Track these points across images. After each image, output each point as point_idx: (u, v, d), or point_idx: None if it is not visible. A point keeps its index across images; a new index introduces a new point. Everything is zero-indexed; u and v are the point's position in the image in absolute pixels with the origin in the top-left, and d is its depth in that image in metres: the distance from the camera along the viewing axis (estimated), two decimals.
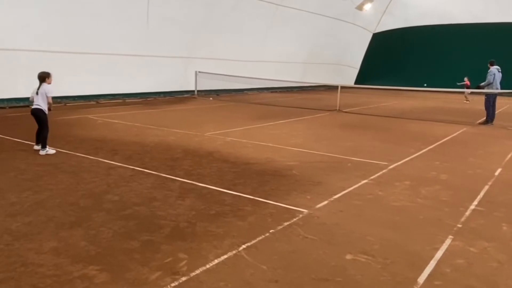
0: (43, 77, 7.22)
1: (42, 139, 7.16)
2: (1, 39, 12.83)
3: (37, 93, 7.18)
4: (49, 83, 7.28)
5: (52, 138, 8.30)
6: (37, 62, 13.75)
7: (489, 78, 12.61)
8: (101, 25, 15.15)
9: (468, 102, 21.03)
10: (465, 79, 21.27)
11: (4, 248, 3.59)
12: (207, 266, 3.36)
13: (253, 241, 3.83)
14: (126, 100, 16.72)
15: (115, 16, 15.48)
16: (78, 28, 14.56)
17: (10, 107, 13.24)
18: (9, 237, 3.80)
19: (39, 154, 7.02)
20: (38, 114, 7.22)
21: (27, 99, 13.96)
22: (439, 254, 3.70)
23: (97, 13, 14.92)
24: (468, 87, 20.80)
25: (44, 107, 7.23)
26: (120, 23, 15.70)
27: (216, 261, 3.44)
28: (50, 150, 7.16)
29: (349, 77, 32.25)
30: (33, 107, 7.26)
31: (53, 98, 7.34)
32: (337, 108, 15.40)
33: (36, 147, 7.29)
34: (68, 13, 14.13)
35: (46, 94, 7.18)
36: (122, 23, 15.79)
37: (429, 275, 3.32)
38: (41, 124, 7.25)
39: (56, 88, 7.62)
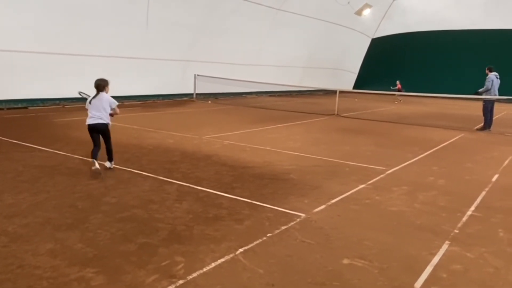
0: (102, 86, 6.21)
1: (109, 152, 6.34)
2: (0, 40, 12.84)
3: (91, 103, 6.15)
4: (107, 92, 6.28)
5: (51, 140, 8.31)
6: (35, 63, 13.81)
7: (487, 84, 12.67)
8: (100, 27, 15.17)
9: (397, 102, 23.49)
10: (397, 82, 23.81)
11: (0, 249, 3.58)
12: (204, 269, 3.35)
13: (250, 245, 3.83)
14: (125, 103, 16.67)
15: (115, 19, 15.49)
16: (77, 30, 14.56)
17: (8, 108, 13.21)
18: (6, 239, 3.79)
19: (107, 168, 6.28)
20: (102, 129, 6.18)
21: (25, 100, 14.20)
22: (436, 259, 3.71)
23: (97, 15, 14.94)
24: (399, 90, 22.98)
25: (108, 120, 6.29)
26: (119, 25, 15.71)
27: (213, 264, 3.44)
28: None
29: (347, 82, 32.34)
30: (93, 122, 6.10)
31: (53, 100, 7.14)
32: (336, 113, 15.43)
33: (106, 164, 6.32)
34: (67, 15, 14.15)
35: (110, 105, 6.25)
36: (122, 25, 15.81)
37: (426, 280, 3.33)
38: (104, 139, 6.29)
39: (55, 90, 7.50)
